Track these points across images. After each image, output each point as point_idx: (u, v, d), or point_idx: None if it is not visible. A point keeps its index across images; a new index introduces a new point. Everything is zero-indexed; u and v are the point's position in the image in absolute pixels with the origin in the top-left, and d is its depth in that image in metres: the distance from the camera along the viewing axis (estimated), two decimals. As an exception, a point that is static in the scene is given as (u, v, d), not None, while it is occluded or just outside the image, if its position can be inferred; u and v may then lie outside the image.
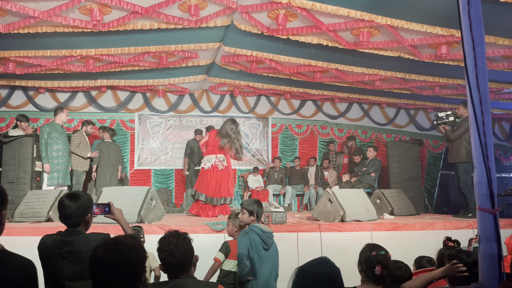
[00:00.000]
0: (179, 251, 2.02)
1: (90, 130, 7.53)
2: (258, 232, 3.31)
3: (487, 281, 1.84)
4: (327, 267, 1.83)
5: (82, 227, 2.36)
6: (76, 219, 2.31)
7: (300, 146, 10.26)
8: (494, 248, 1.84)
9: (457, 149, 6.33)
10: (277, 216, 5.08)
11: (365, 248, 2.40)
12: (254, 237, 3.29)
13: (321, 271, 1.81)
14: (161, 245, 2.07)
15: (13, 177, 6.44)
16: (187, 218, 6.58)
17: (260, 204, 3.51)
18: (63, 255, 2.21)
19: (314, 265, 1.83)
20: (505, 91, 8.18)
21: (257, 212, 3.44)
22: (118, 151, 7.66)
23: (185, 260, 2.04)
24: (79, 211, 2.31)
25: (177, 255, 2.01)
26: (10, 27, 5.38)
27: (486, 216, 1.87)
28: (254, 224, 3.39)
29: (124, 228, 2.50)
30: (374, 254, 2.32)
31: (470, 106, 1.91)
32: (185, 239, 2.09)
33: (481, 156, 1.87)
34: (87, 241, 2.24)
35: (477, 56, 1.88)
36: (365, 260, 2.32)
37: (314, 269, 1.82)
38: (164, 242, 2.07)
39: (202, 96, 9.68)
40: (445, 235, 3.34)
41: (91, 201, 2.42)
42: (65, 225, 2.36)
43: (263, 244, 3.31)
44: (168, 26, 5.75)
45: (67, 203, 2.31)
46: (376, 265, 2.28)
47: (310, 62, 7.02)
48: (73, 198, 2.34)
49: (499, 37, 5.58)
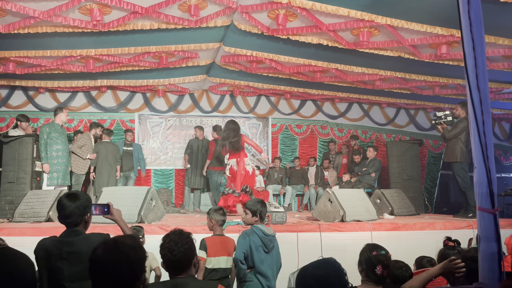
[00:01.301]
0: (178, 249, 2.03)
1: (99, 133, 7.52)
2: (260, 234, 3.24)
3: (487, 281, 1.84)
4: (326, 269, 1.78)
5: (82, 226, 2.35)
6: (75, 219, 2.31)
7: (300, 146, 10.26)
8: (494, 248, 1.84)
9: (452, 149, 6.36)
10: (277, 216, 5.08)
11: (365, 248, 2.39)
12: (254, 239, 3.22)
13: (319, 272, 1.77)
14: (163, 242, 2.11)
15: (13, 177, 6.44)
16: (187, 218, 6.59)
17: (264, 204, 3.45)
18: (63, 256, 2.20)
19: (313, 266, 1.80)
20: (505, 91, 8.18)
21: (261, 213, 3.38)
22: (116, 151, 7.66)
23: (184, 258, 2.05)
24: (78, 210, 2.31)
25: (176, 253, 2.03)
26: (10, 27, 5.38)
27: (486, 216, 1.87)
28: (257, 226, 3.32)
29: (123, 228, 2.49)
30: (375, 254, 2.31)
31: (470, 106, 1.90)
32: (186, 238, 2.10)
33: (481, 156, 1.86)
34: (87, 241, 2.24)
35: (477, 56, 1.88)
36: (365, 260, 2.31)
37: (312, 270, 1.78)
38: (166, 239, 2.10)
39: (202, 96, 9.68)
40: (445, 235, 3.34)
41: (90, 201, 2.42)
42: (64, 225, 2.35)
43: (263, 247, 3.25)
44: (168, 26, 5.75)
45: (66, 203, 2.31)
46: (377, 265, 2.27)
47: (310, 62, 7.02)
48: (72, 198, 2.33)
49: (499, 37, 5.58)
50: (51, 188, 6.25)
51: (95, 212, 2.43)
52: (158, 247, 2.12)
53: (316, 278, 1.67)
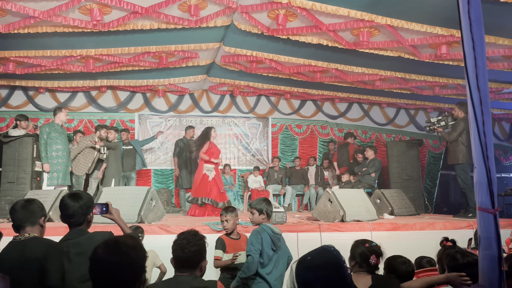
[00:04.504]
0: (189, 248, 2.11)
1: (104, 134, 7.50)
2: (269, 232, 3.28)
3: (487, 281, 1.84)
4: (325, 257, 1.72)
5: (85, 226, 2.39)
6: (78, 218, 2.34)
7: (300, 146, 10.26)
8: (494, 248, 1.84)
9: (454, 151, 6.40)
10: (277, 216, 5.08)
11: (357, 244, 2.56)
12: (265, 236, 3.26)
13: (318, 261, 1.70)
14: (176, 239, 2.19)
15: (13, 177, 6.44)
16: (187, 218, 6.59)
17: (268, 201, 3.48)
18: (71, 257, 2.23)
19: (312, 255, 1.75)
20: (505, 91, 8.18)
21: (267, 210, 3.41)
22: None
23: (192, 258, 2.12)
24: (81, 210, 2.34)
25: (186, 251, 2.11)
26: (10, 27, 5.37)
27: (486, 216, 1.87)
28: (266, 224, 3.36)
29: (122, 227, 2.51)
30: (367, 246, 2.51)
31: (470, 106, 1.90)
32: (199, 239, 2.18)
33: (481, 156, 1.86)
34: (92, 241, 2.24)
35: (477, 56, 1.88)
36: (359, 254, 2.49)
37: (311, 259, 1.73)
38: (180, 236, 2.19)
39: (202, 96, 9.68)
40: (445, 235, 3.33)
41: (92, 201, 2.45)
42: (67, 224, 2.38)
43: (272, 245, 3.29)
44: (168, 26, 5.75)
45: (69, 202, 2.33)
46: (371, 255, 2.46)
47: (310, 62, 7.02)
48: (75, 198, 2.36)
49: (499, 37, 5.58)
50: (51, 188, 6.26)
51: (94, 211, 2.44)
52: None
53: (315, 267, 1.63)
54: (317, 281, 1.57)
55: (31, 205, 2.39)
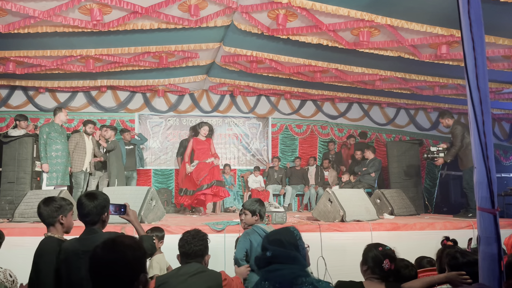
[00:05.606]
0: (194, 243, 2.47)
1: (89, 130, 7.36)
2: (261, 233, 3.21)
3: (487, 281, 1.84)
4: (281, 234, 2.03)
5: (99, 225, 2.43)
6: (93, 218, 2.39)
7: (300, 146, 10.26)
8: (494, 248, 1.84)
9: (466, 156, 6.29)
10: (277, 216, 5.08)
11: (370, 247, 2.43)
12: (255, 238, 3.19)
13: (275, 236, 2.03)
14: (182, 236, 2.57)
15: (13, 177, 6.44)
16: (187, 218, 6.59)
17: (261, 202, 3.42)
18: (80, 255, 2.26)
19: (272, 232, 2.12)
20: (505, 91, 8.18)
21: (260, 211, 3.34)
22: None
23: (198, 251, 2.47)
24: (96, 210, 2.39)
25: (192, 246, 2.47)
26: (10, 27, 5.37)
27: (486, 216, 1.86)
28: (257, 225, 3.29)
29: (137, 229, 2.59)
30: (381, 250, 2.37)
31: (470, 106, 1.90)
32: (202, 236, 2.56)
33: (481, 156, 1.86)
34: (99, 240, 2.27)
35: (477, 56, 1.88)
36: (372, 258, 2.35)
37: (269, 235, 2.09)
38: (186, 234, 2.57)
39: (202, 96, 9.68)
40: (445, 235, 3.33)
41: (108, 201, 2.49)
42: (83, 223, 2.43)
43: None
44: (168, 26, 5.75)
45: (85, 202, 2.38)
46: (384, 259, 2.31)
47: (310, 62, 7.02)
48: (91, 197, 2.41)
49: (499, 37, 5.58)
50: (51, 188, 6.25)
51: (112, 211, 2.52)
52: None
53: (271, 242, 1.99)
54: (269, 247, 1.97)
55: (44, 208, 2.64)
